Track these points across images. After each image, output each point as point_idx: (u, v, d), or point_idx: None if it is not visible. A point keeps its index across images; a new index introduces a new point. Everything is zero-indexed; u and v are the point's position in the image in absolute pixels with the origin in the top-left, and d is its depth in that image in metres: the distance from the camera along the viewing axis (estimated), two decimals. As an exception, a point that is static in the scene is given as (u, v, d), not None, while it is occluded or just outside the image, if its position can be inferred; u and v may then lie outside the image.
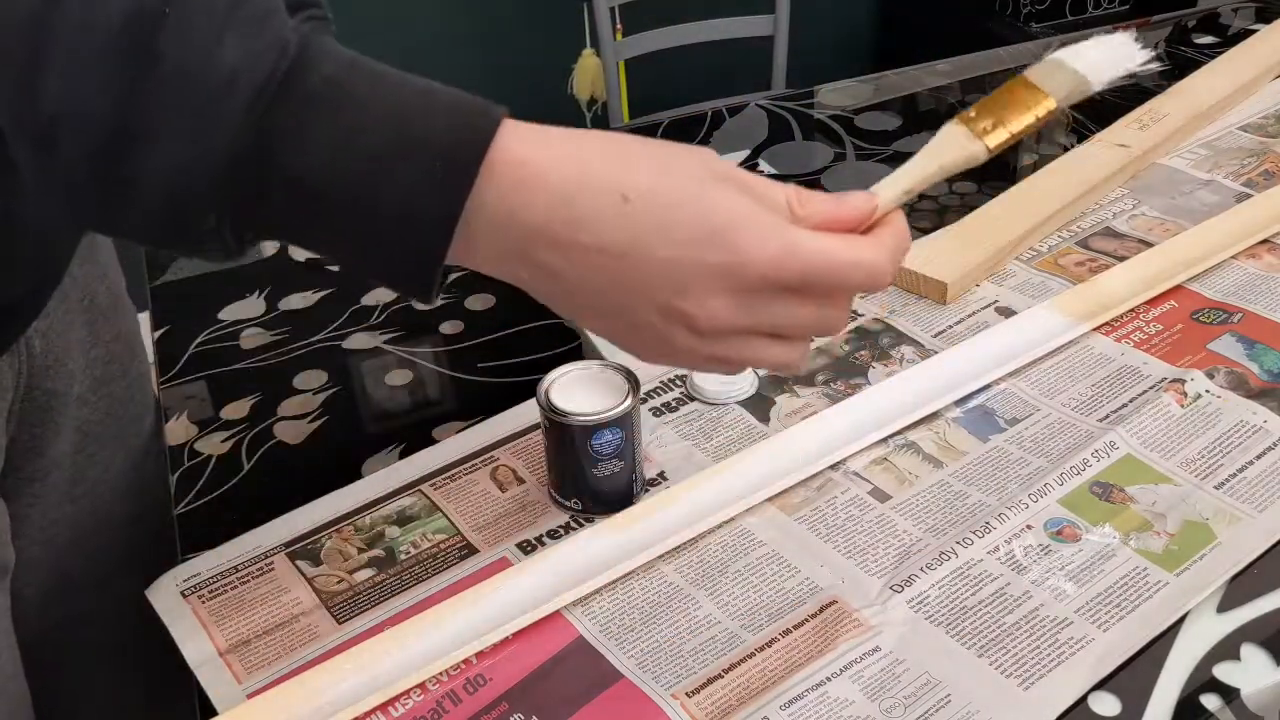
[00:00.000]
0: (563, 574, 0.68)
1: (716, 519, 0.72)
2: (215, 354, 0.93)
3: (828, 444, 0.77)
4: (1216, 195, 1.05)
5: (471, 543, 0.73)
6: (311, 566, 0.72)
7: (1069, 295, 0.90)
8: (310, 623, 0.68)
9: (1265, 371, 0.83)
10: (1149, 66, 0.60)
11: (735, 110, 1.30)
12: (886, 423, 0.79)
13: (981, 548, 0.70)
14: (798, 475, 0.75)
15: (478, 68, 2.41)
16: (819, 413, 0.80)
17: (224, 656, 0.67)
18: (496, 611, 0.66)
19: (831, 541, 0.71)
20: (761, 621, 0.66)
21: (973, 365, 0.84)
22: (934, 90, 1.33)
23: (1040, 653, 0.63)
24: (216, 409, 0.87)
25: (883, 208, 0.54)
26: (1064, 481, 0.74)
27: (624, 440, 0.72)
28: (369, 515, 0.76)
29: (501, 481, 0.78)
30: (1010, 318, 0.89)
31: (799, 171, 1.16)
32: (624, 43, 2.10)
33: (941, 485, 0.75)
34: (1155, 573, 0.68)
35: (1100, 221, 1.03)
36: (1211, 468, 0.75)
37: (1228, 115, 1.20)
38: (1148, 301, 0.90)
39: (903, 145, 1.20)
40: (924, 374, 0.83)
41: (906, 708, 0.61)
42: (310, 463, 0.82)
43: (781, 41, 2.13)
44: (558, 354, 0.91)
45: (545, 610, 0.67)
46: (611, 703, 0.62)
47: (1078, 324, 0.87)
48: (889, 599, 0.67)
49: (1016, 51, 1.42)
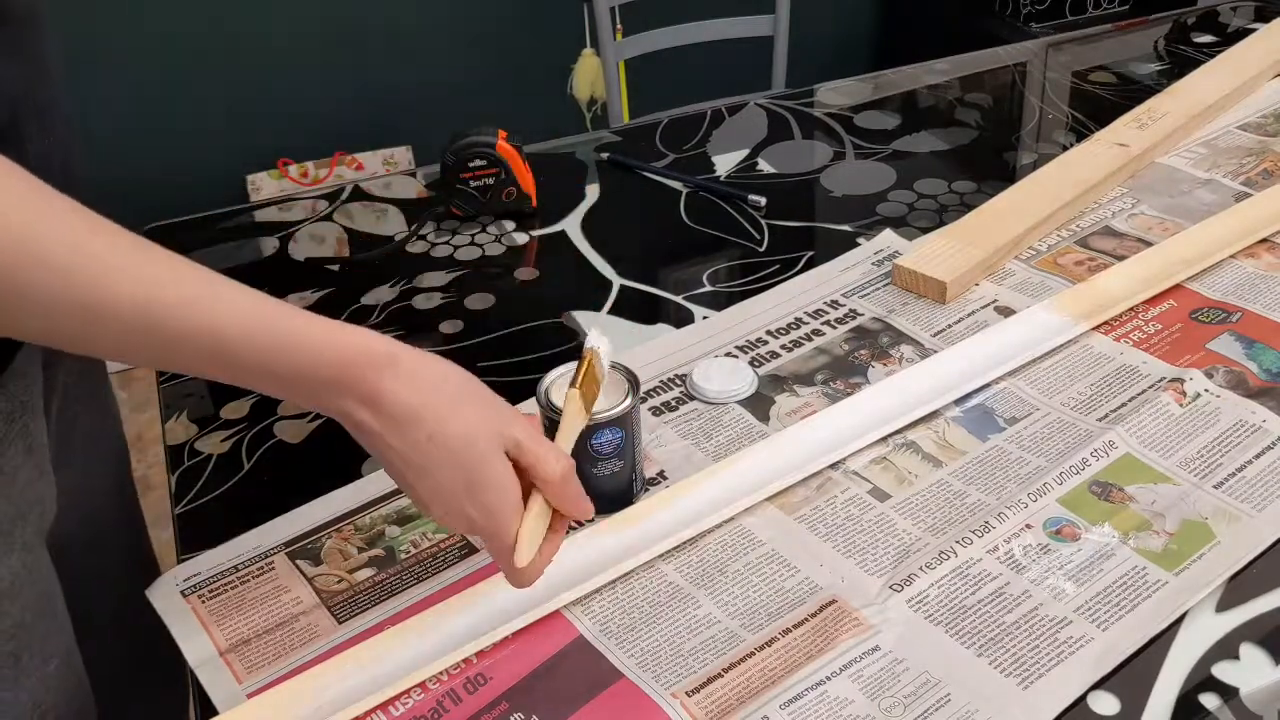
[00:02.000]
0: (562, 574, 0.68)
1: (716, 518, 0.72)
2: (215, 354, 0.93)
3: (827, 443, 0.77)
4: (1215, 194, 1.05)
5: (471, 542, 0.73)
6: (311, 566, 0.72)
7: (1068, 295, 0.90)
8: (310, 622, 0.68)
9: (1264, 370, 0.83)
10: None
11: (735, 110, 1.30)
12: (886, 422, 0.79)
13: (981, 547, 0.70)
14: (797, 474, 0.75)
15: (478, 68, 2.41)
16: (819, 412, 0.80)
17: (224, 656, 0.67)
18: (497, 611, 0.66)
19: (831, 541, 0.71)
20: (761, 621, 0.66)
21: (972, 365, 0.84)
22: (932, 89, 1.33)
23: (1039, 652, 0.63)
24: (216, 408, 0.87)
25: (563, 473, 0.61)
26: (1063, 481, 0.74)
27: (624, 439, 0.72)
28: (369, 515, 0.76)
29: (501, 481, 0.77)
30: (1009, 317, 0.89)
31: (798, 170, 1.16)
32: (624, 43, 2.10)
33: (941, 485, 0.75)
34: (1154, 572, 0.68)
35: (1100, 220, 1.03)
36: (1210, 467, 0.75)
37: (1227, 114, 1.20)
38: (1147, 301, 0.90)
39: (902, 144, 1.20)
40: (923, 373, 0.83)
41: (906, 707, 0.61)
42: (310, 462, 0.82)
43: (781, 41, 2.13)
44: (558, 354, 0.91)
45: (545, 610, 0.67)
46: (611, 701, 0.62)
47: (1076, 323, 0.87)
48: (888, 598, 0.67)
49: (1016, 51, 1.43)
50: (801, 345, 0.89)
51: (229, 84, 2.25)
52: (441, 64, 2.39)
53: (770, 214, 1.09)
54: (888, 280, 0.96)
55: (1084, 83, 1.33)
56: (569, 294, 0.99)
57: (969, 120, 1.25)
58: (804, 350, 0.88)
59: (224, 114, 2.27)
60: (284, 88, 2.29)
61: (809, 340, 0.89)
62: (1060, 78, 1.35)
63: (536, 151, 1.17)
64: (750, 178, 1.16)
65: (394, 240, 1.07)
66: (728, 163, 1.18)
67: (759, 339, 0.90)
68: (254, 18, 2.22)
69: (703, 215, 1.10)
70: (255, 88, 2.27)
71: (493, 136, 1.07)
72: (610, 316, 0.95)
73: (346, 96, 2.34)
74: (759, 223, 1.08)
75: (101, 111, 2.15)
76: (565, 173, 1.18)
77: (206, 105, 2.25)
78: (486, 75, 2.42)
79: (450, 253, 1.05)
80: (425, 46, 2.36)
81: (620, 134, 1.27)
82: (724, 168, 1.17)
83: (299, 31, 2.26)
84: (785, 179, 1.15)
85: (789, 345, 0.89)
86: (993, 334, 0.87)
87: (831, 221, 1.07)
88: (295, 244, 1.07)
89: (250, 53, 2.22)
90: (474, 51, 2.40)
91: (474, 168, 1.07)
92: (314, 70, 2.28)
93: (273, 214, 1.13)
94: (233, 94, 2.26)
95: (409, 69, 2.36)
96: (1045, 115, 1.26)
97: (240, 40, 2.20)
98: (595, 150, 1.22)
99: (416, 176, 1.19)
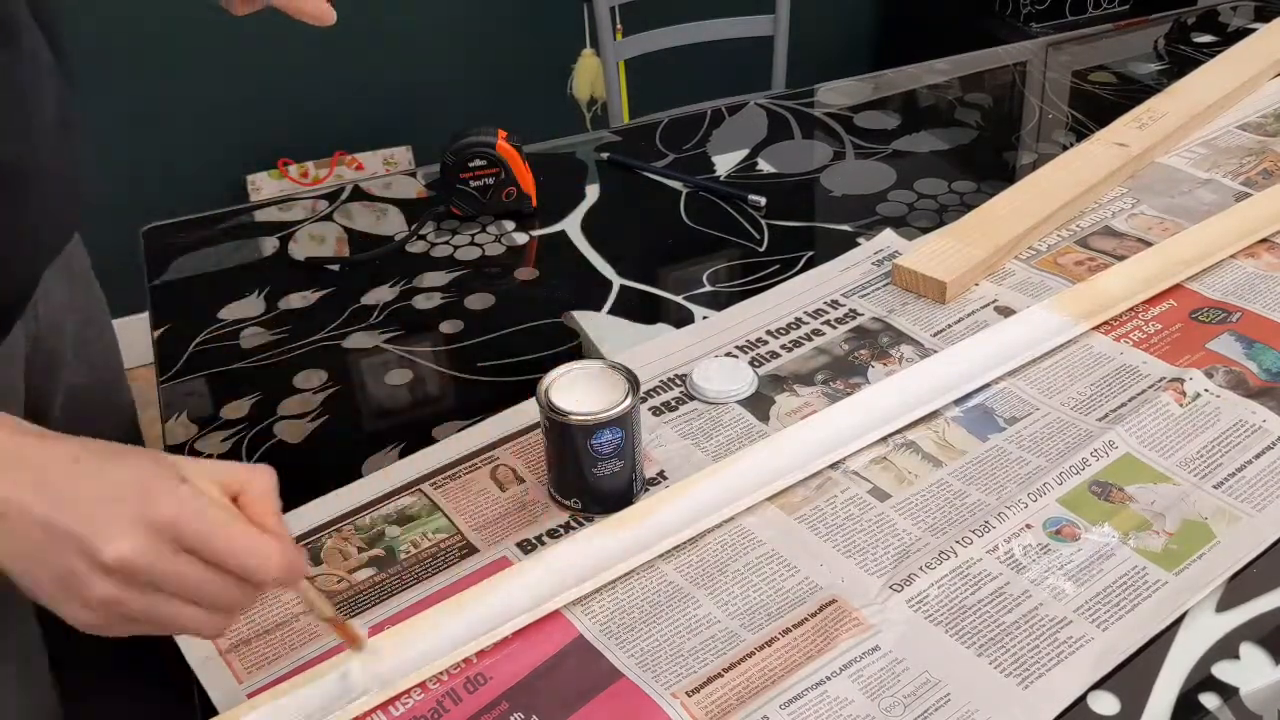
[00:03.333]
0: (563, 574, 0.68)
1: (716, 518, 0.72)
2: (215, 353, 0.93)
3: (827, 443, 0.77)
4: (1215, 194, 1.05)
5: (471, 542, 0.73)
6: (311, 566, 0.72)
7: (1068, 294, 0.90)
8: (310, 622, 0.68)
9: (1264, 370, 0.83)
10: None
11: (735, 110, 1.30)
12: (887, 421, 0.79)
13: (981, 547, 0.70)
14: (798, 474, 0.75)
15: (478, 68, 2.41)
16: (819, 411, 0.80)
17: (224, 656, 0.67)
18: (497, 611, 0.66)
19: (831, 540, 0.71)
20: (761, 621, 0.66)
21: (972, 365, 0.84)
22: (933, 88, 1.33)
23: (1039, 652, 0.63)
24: (216, 408, 0.87)
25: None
26: (1063, 481, 0.74)
27: (624, 439, 0.72)
28: (369, 515, 0.76)
29: (501, 481, 0.78)
30: (1009, 317, 0.89)
31: (798, 170, 1.16)
32: (624, 43, 2.10)
33: (941, 484, 0.75)
34: (1154, 572, 0.68)
35: (1099, 220, 1.03)
36: (1210, 467, 0.75)
37: (1226, 114, 1.20)
38: (1147, 301, 0.90)
39: (902, 144, 1.20)
40: (923, 373, 0.83)
41: (906, 706, 0.61)
42: (310, 462, 0.82)
43: (781, 41, 2.13)
44: (558, 354, 0.91)
45: (545, 609, 0.67)
46: (611, 701, 0.62)
47: (1076, 323, 0.87)
48: (888, 598, 0.67)
49: (1016, 51, 1.43)
50: (801, 345, 0.89)
51: (229, 84, 2.25)
52: (441, 64, 2.39)
53: (770, 214, 1.09)
54: (888, 280, 0.96)
55: (1084, 83, 1.33)
56: (569, 294, 0.99)
57: (969, 120, 1.25)
58: (804, 350, 0.88)
59: (224, 114, 2.27)
60: (284, 88, 2.29)
61: (809, 340, 0.89)
62: (1060, 77, 1.35)
63: (536, 151, 1.17)
64: (750, 178, 1.16)
65: (394, 240, 1.07)
66: (728, 163, 1.18)
67: (759, 339, 0.90)
68: (254, 17, 2.21)
69: (703, 215, 1.10)
70: (255, 88, 2.27)
71: (493, 136, 1.07)
72: (610, 316, 0.95)
73: (346, 96, 2.34)
74: (759, 223, 1.08)
75: (102, 111, 2.15)
76: (565, 173, 1.18)
77: (206, 105, 2.25)
78: (486, 75, 2.42)
79: (450, 253, 1.05)
80: (425, 46, 2.36)
81: (620, 134, 1.27)
82: (724, 168, 1.17)
83: (299, 31, 2.25)
84: (785, 179, 1.15)
85: (789, 345, 0.89)
86: (992, 334, 0.87)
87: (831, 221, 1.07)
88: (295, 244, 1.07)
89: (250, 53, 2.22)
90: (474, 51, 2.40)
91: (474, 168, 1.07)
92: (314, 70, 2.28)
93: (273, 214, 1.13)
94: (233, 94, 2.26)
95: (409, 69, 2.36)
96: (1045, 115, 1.26)
97: (240, 40, 2.20)
98: (595, 150, 1.22)
99: (416, 176, 1.19)
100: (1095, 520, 0.71)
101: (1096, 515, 0.72)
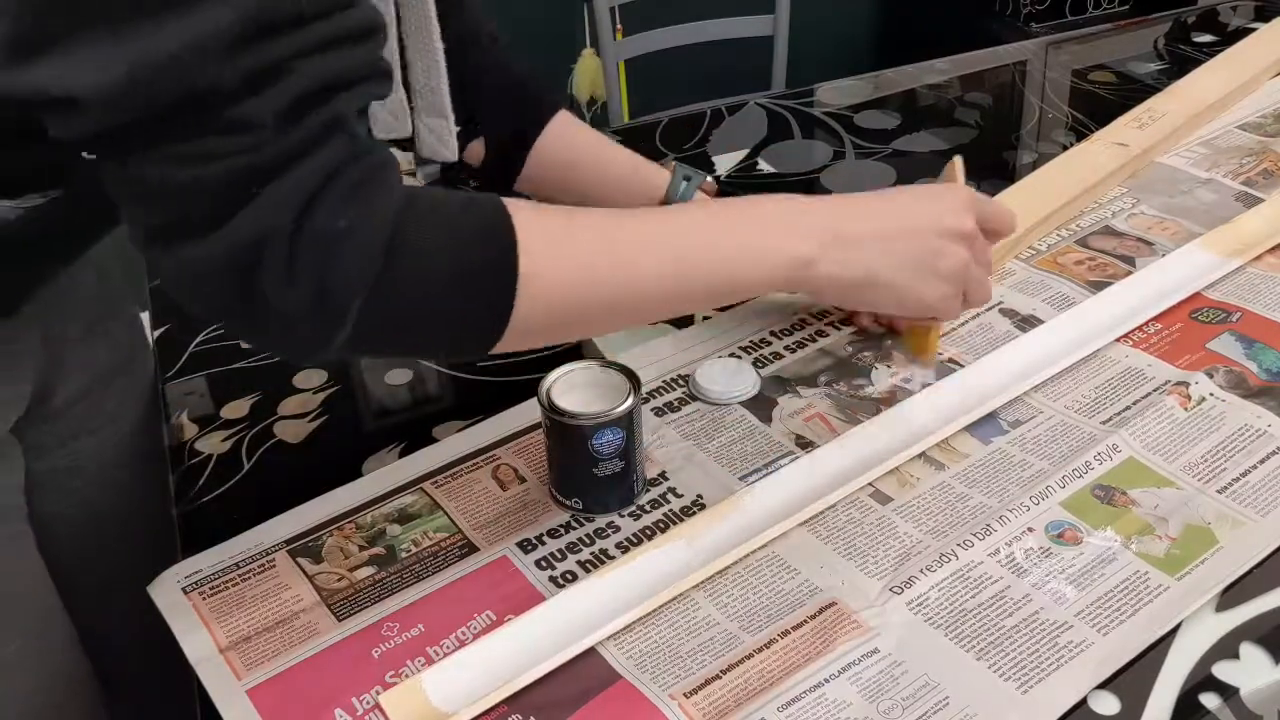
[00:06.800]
0: (593, 610, 0.66)
1: (759, 540, 0.71)
2: (215, 353, 0.93)
3: (918, 431, 0.78)
4: (1215, 194, 1.05)
5: (472, 541, 0.73)
6: (312, 564, 0.72)
7: (1214, 235, 0.96)
8: (310, 620, 0.68)
9: (1264, 370, 0.83)
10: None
11: (735, 109, 1.30)
12: (983, 402, 0.81)
13: (982, 550, 0.70)
14: (834, 497, 0.73)
15: (477, 66, 2.40)
16: (860, 426, 0.78)
17: (224, 653, 0.67)
18: (544, 645, 0.65)
19: (831, 543, 0.71)
20: (760, 623, 0.66)
21: (1113, 316, 0.88)
22: (933, 88, 1.33)
23: (1039, 656, 0.63)
24: (217, 408, 0.87)
25: None
26: (1066, 484, 0.74)
27: (625, 440, 0.71)
28: (370, 513, 0.75)
29: (502, 480, 0.78)
30: (1143, 268, 0.94)
31: (798, 170, 1.16)
32: (624, 43, 2.10)
33: (943, 487, 0.75)
34: (1156, 577, 0.68)
35: (1100, 220, 1.03)
36: (1214, 471, 0.75)
37: (1227, 114, 1.20)
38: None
39: (902, 143, 1.20)
40: (1022, 349, 0.86)
41: (905, 709, 0.61)
42: (310, 462, 0.82)
43: (781, 41, 2.13)
44: (558, 354, 0.91)
45: (580, 648, 0.65)
46: (610, 703, 0.62)
47: (1227, 260, 0.92)
48: (888, 601, 0.67)
49: (1016, 50, 1.43)
50: (805, 346, 0.89)
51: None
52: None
53: (771, 214, 1.09)
54: (888, 281, 0.96)
55: (1084, 82, 1.33)
56: (569, 294, 0.98)
57: (969, 120, 1.25)
58: (807, 351, 0.88)
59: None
60: (283, 85, 2.28)
61: (813, 341, 0.89)
62: (1060, 77, 1.35)
63: (537, 150, 1.17)
64: (750, 177, 1.15)
65: (394, 239, 1.06)
66: (728, 162, 1.18)
67: (762, 340, 0.89)
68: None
69: (703, 215, 1.09)
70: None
71: (493, 136, 1.07)
72: (611, 316, 0.95)
73: (346, 95, 2.33)
74: (760, 223, 1.08)
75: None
76: (566, 172, 1.18)
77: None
78: (486, 74, 2.41)
79: (450, 252, 1.05)
80: (425, 45, 2.36)
81: (620, 134, 1.27)
82: (724, 167, 1.17)
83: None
84: (785, 179, 1.15)
85: (792, 346, 0.89)
86: (1152, 272, 0.92)
87: (832, 222, 1.07)
88: (295, 242, 1.07)
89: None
90: (474, 50, 2.40)
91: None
92: (313, 68, 2.28)
93: (273, 212, 1.12)
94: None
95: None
96: (1045, 115, 1.26)
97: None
98: (596, 149, 1.22)
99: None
100: (1097, 524, 0.71)
101: (1099, 519, 0.72)
